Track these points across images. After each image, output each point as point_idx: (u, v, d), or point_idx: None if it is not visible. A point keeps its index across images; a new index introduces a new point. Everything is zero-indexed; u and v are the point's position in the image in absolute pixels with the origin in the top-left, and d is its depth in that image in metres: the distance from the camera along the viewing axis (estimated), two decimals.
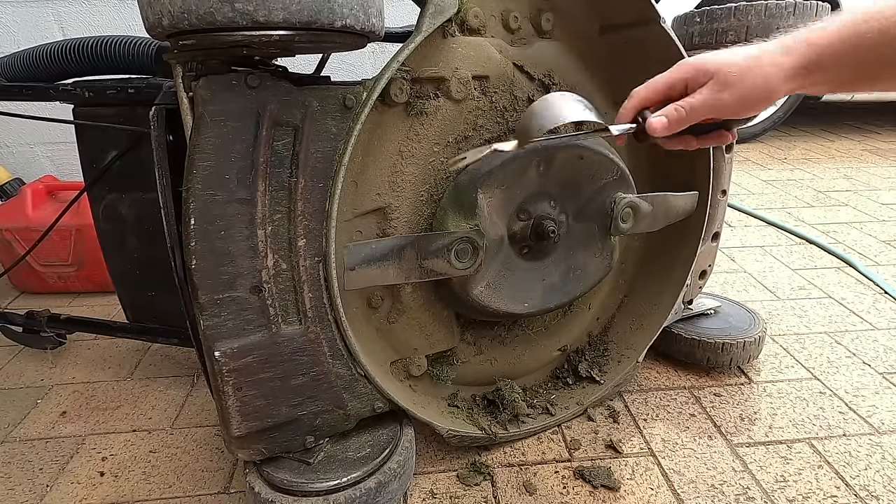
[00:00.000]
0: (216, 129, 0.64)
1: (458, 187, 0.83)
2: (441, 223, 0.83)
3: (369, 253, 0.75)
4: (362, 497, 0.76)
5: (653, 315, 1.12)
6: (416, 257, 0.78)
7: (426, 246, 0.79)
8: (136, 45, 0.95)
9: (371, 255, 0.76)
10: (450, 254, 0.79)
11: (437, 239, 0.79)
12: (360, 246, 0.75)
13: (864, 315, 1.45)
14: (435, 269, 0.80)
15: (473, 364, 1.00)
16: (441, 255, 0.79)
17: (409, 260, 0.78)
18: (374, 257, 0.76)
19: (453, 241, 0.79)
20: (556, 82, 0.92)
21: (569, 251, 0.92)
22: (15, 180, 1.83)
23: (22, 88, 0.98)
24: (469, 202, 0.81)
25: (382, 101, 0.77)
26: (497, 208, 0.83)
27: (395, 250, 0.77)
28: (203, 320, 0.68)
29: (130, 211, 1.06)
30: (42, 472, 0.96)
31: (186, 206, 0.65)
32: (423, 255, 0.78)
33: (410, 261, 0.78)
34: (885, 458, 0.96)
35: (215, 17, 0.55)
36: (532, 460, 0.97)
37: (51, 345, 1.26)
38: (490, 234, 0.83)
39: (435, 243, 0.79)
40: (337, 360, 0.78)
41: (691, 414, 1.08)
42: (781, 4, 0.96)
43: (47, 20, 1.90)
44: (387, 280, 0.78)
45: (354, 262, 0.75)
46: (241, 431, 0.73)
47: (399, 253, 0.77)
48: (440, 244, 0.79)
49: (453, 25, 0.79)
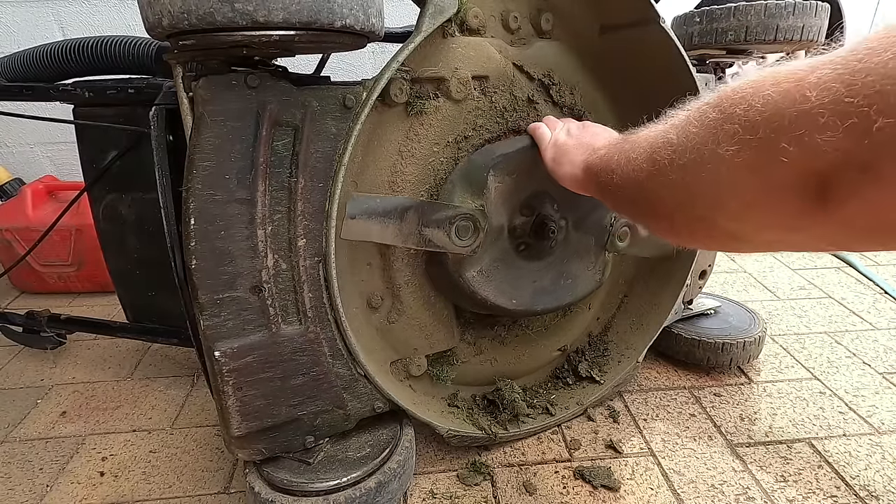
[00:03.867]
0: (216, 129, 0.64)
1: (472, 163, 0.84)
2: (448, 196, 0.83)
3: (372, 206, 0.75)
4: (362, 497, 0.75)
5: (653, 315, 1.12)
6: (417, 222, 0.78)
7: (429, 213, 0.79)
8: (136, 46, 0.95)
9: (374, 208, 0.75)
10: (451, 227, 0.79)
11: (441, 209, 0.79)
12: (364, 197, 0.75)
13: (864, 315, 1.45)
14: (434, 239, 0.79)
15: (473, 364, 1.00)
16: (442, 227, 0.79)
17: (411, 223, 0.78)
18: (375, 211, 0.76)
19: (457, 215, 0.79)
20: (556, 82, 0.92)
21: (563, 258, 0.92)
22: (15, 180, 1.83)
23: (22, 88, 0.98)
24: (479, 181, 0.81)
25: (382, 101, 0.77)
26: (504, 195, 0.83)
27: (398, 210, 0.77)
28: (203, 320, 0.68)
29: (130, 211, 1.06)
30: (42, 472, 0.96)
31: (186, 206, 0.65)
32: (425, 221, 0.78)
33: (411, 224, 0.78)
34: (885, 458, 0.96)
35: (215, 17, 0.55)
36: (532, 460, 0.97)
37: (51, 345, 1.26)
38: (492, 220, 0.83)
39: (438, 213, 0.79)
40: (337, 360, 0.78)
41: (691, 414, 1.08)
42: (781, 4, 0.96)
43: (47, 20, 1.90)
44: (385, 238, 0.78)
45: (355, 211, 0.74)
46: (241, 431, 0.73)
47: (402, 214, 0.77)
48: (443, 215, 0.79)
49: (453, 25, 0.79)
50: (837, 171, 0.32)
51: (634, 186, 0.52)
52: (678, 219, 0.47)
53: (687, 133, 0.43)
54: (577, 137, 0.73)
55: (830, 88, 0.31)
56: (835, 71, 0.31)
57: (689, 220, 0.46)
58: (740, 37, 1.00)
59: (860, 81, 0.29)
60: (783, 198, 0.36)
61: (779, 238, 0.42)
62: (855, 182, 0.32)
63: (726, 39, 1.01)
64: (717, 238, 0.45)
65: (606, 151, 0.61)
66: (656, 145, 0.47)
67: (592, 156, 0.65)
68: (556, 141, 0.76)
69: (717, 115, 0.39)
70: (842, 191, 0.33)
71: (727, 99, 0.39)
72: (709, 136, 0.40)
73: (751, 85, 0.37)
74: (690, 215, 0.45)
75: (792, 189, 0.35)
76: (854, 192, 0.32)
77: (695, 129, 0.41)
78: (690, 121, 0.43)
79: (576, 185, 0.70)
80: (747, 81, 0.38)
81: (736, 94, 0.38)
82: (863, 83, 0.29)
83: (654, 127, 0.51)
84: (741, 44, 1.01)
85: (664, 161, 0.45)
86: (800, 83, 0.33)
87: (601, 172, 0.61)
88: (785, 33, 0.98)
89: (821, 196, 0.34)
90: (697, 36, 1.05)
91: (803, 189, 0.34)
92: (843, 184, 0.32)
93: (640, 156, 0.50)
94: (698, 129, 0.41)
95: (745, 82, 0.38)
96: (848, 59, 0.31)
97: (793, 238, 0.41)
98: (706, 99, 0.42)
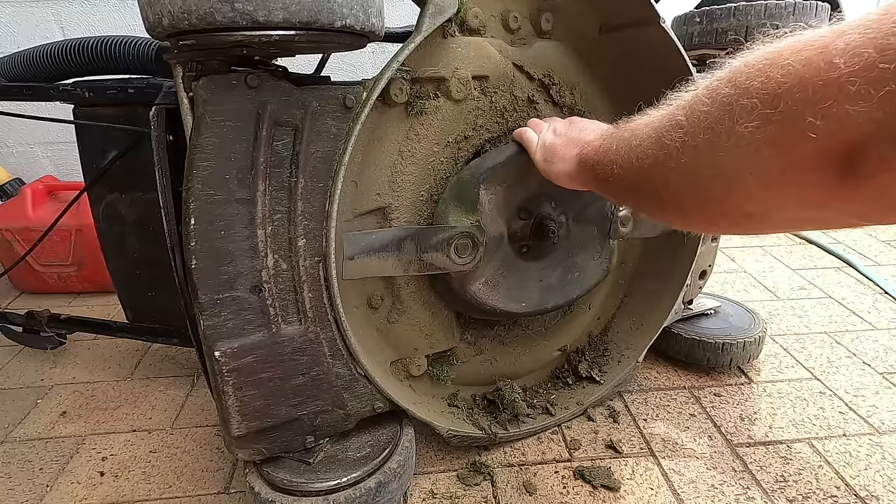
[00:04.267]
0: (216, 130, 0.64)
1: (461, 182, 0.83)
2: (442, 217, 0.83)
3: (369, 243, 0.75)
4: (362, 497, 0.75)
5: (653, 315, 1.12)
6: (415, 250, 0.78)
7: (426, 239, 0.79)
8: (136, 46, 0.95)
9: (371, 244, 0.76)
10: (449, 248, 0.79)
11: (437, 232, 0.79)
12: (360, 235, 0.75)
13: (864, 315, 1.45)
14: (434, 262, 0.80)
15: (473, 364, 1.00)
16: (441, 249, 0.79)
17: (409, 252, 0.78)
18: (373, 247, 0.76)
19: (454, 235, 0.79)
20: (556, 82, 0.92)
21: (567, 253, 0.92)
22: (15, 180, 1.83)
23: (22, 88, 0.98)
24: (471, 197, 0.81)
25: (382, 101, 0.77)
26: (498, 206, 0.83)
27: (394, 241, 0.77)
28: (203, 320, 0.68)
29: (130, 211, 1.06)
30: (42, 472, 0.96)
31: (186, 206, 0.65)
32: (423, 247, 0.78)
33: (410, 253, 0.78)
34: (885, 458, 0.96)
35: (215, 17, 0.55)
36: (532, 460, 0.97)
37: (51, 345, 1.26)
38: (490, 231, 0.83)
39: (435, 237, 0.79)
40: (337, 359, 0.78)
41: (691, 414, 1.08)
42: (781, 4, 0.96)
43: (47, 20, 1.90)
44: (385, 271, 0.78)
45: (354, 251, 0.75)
46: (241, 431, 0.73)
47: (399, 244, 0.77)
48: (440, 238, 0.79)
49: (453, 25, 0.79)
50: (869, 144, 0.30)
51: (638, 174, 0.50)
52: (689, 203, 0.45)
53: (697, 113, 0.40)
54: (565, 135, 0.72)
55: (861, 55, 0.29)
56: (866, 35, 0.29)
57: (702, 204, 0.44)
58: (740, 37, 1.00)
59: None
60: (808, 174, 0.34)
61: (802, 216, 0.40)
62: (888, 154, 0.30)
63: (726, 39, 1.01)
64: (733, 218, 0.43)
65: (601, 143, 0.60)
66: (663, 129, 0.45)
67: (586, 149, 0.64)
68: (545, 142, 0.75)
69: (731, 90, 0.37)
70: (873, 164, 0.30)
71: (741, 73, 0.36)
72: (723, 113, 0.37)
73: (766, 56, 0.35)
74: (705, 198, 0.43)
75: (818, 164, 0.33)
76: (887, 166, 0.30)
77: (706, 108, 0.39)
78: (700, 99, 0.40)
79: (570, 182, 0.69)
80: (762, 53, 0.35)
81: (750, 67, 0.36)
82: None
83: (655, 112, 0.49)
84: (741, 44, 1.01)
85: (675, 144, 0.43)
86: (824, 50, 0.31)
87: (597, 164, 0.59)
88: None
89: (849, 170, 0.32)
90: (697, 36, 1.05)
91: (831, 163, 0.32)
92: (875, 157, 0.30)
93: (643, 142, 0.48)
94: (710, 108, 0.39)
95: (759, 54, 0.36)
96: (881, 21, 0.28)
97: (817, 214, 0.38)
98: (716, 76, 0.40)
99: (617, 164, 0.54)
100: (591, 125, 0.72)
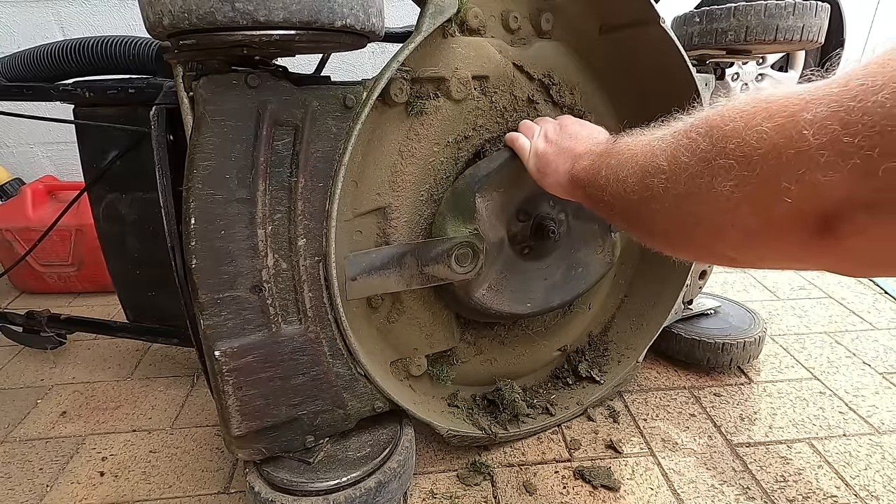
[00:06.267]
0: (216, 129, 0.64)
1: (456, 192, 0.84)
2: (440, 229, 0.83)
3: (370, 262, 0.76)
4: (362, 497, 0.75)
5: (653, 315, 1.12)
6: (416, 264, 0.78)
7: (426, 252, 0.79)
8: (136, 45, 0.95)
9: (371, 264, 0.76)
10: (450, 259, 0.79)
11: (436, 245, 0.79)
12: (361, 255, 0.75)
13: (864, 315, 1.45)
14: (436, 274, 0.80)
15: (473, 364, 1.00)
16: (441, 261, 0.79)
17: (410, 267, 0.78)
18: (374, 266, 0.76)
19: (453, 246, 0.79)
20: (556, 82, 0.92)
21: (570, 249, 0.92)
22: (15, 180, 1.83)
23: (22, 88, 0.98)
24: (467, 207, 0.81)
25: (382, 100, 0.77)
26: (496, 211, 0.83)
27: (395, 258, 0.77)
28: (203, 320, 0.68)
29: (130, 211, 1.06)
30: (42, 472, 0.96)
31: (186, 206, 0.65)
32: (424, 261, 0.79)
33: (411, 268, 0.78)
34: (885, 458, 0.96)
35: (216, 16, 0.55)
36: (532, 460, 0.97)
37: (51, 345, 1.26)
38: (490, 237, 0.83)
39: (435, 249, 0.79)
40: (337, 359, 0.78)
41: (691, 414, 1.08)
42: (781, 4, 0.96)
43: (47, 20, 1.90)
44: (388, 288, 0.78)
45: (355, 272, 0.75)
46: (241, 431, 0.73)
47: (399, 261, 0.77)
48: (440, 250, 0.79)
49: (453, 25, 0.79)
50: (842, 210, 0.31)
51: (626, 205, 0.50)
52: (676, 241, 0.46)
53: (678, 162, 0.41)
54: (557, 144, 0.72)
55: (827, 128, 0.30)
56: (829, 108, 0.30)
57: (688, 245, 0.45)
58: (740, 37, 1.00)
59: (858, 122, 0.28)
60: (786, 231, 0.35)
61: (782, 266, 0.41)
62: (861, 220, 0.31)
63: (726, 39, 1.01)
64: (719, 259, 0.44)
65: (591, 163, 0.59)
66: (647, 169, 0.45)
67: (576, 166, 0.64)
68: (537, 150, 0.75)
69: (709, 146, 0.38)
70: (847, 227, 0.31)
71: (717, 129, 0.37)
72: (703, 168, 0.38)
73: (741, 116, 0.36)
74: (690, 241, 0.44)
75: (795, 224, 0.34)
76: (860, 230, 0.31)
77: (686, 159, 0.40)
78: (680, 148, 0.41)
79: (563, 194, 0.69)
80: (736, 110, 0.37)
81: (726, 124, 0.37)
82: (861, 123, 0.28)
83: (641, 138, 0.49)
84: (741, 44, 1.01)
85: (658, 188, 0.44)
86: (794, 119, 0.32)
87: (588, 186, 0.59)
88: (785, 33, 0.98)
89: (826, 231, 0.33)
90: (697, 36, 1.05)
91: (807, 224, 0.33)
92: (848, 221, 0.31)
93: (629, 177, 0.48)
94: (689, 160, 0.40)
95: (733, 110, 0.37)
96: (842, 95, 0.30)
97: (796, 266, 0.40)
98: (692, 120, 0.41)
99: (606, 191, 0.54)
100: (581, 131, 0.72)
